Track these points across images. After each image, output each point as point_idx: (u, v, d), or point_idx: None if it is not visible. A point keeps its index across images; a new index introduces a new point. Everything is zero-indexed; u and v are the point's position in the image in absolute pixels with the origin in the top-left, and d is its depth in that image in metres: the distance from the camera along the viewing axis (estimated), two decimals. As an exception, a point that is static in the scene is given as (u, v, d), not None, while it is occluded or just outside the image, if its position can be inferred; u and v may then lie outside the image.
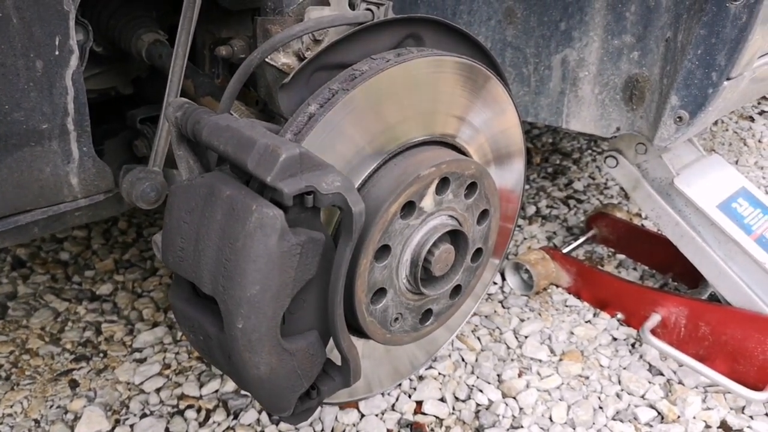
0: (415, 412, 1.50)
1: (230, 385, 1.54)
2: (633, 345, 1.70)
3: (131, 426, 1.45)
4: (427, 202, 1.01)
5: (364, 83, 0.93)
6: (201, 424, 1.46)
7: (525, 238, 2.16)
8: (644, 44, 1.39)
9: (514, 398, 1.54)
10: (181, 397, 1.53)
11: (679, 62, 1.33)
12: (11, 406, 1.50)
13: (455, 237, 1.07)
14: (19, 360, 1.63)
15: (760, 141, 2.98)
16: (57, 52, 1.02)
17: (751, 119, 3.19)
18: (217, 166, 1.02)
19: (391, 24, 1.02)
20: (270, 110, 1.24)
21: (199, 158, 0.99)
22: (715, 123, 3.11)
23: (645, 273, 1.98)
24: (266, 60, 1.06)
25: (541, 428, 1.47)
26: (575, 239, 2.04)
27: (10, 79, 0.99)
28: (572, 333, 1.73)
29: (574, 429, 1.47)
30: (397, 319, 1.08)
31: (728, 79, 1.30)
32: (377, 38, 1.01)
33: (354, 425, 1.46)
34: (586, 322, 1.78)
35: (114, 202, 1.24)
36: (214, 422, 1.47)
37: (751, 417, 1.51)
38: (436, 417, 1.49)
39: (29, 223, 1.14)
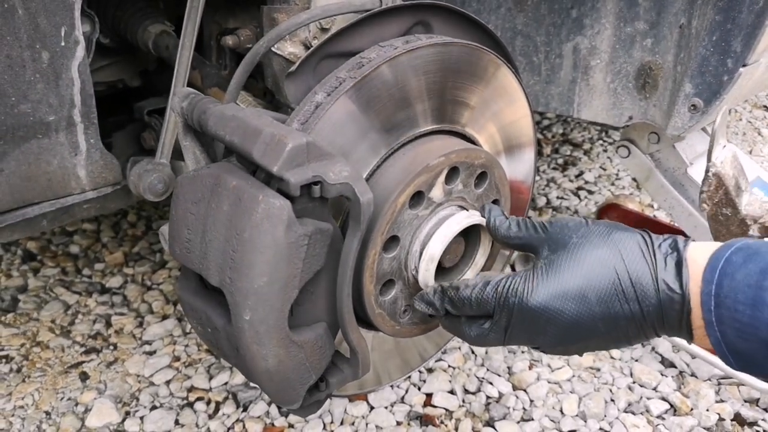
0: (425, 405, 1.50)
1: (240, 378, 1.54)
2: (645, 337, 1.68)
3: (141, 418, 1.46)
4: (437, 192, 1.00)
5: (372, 71, 0.92)
6: (210, 416, 1.47)
7: (535, 230, 2.14)
8: (657, 31, 1.37)
9: (525, 390, 1.53)
10: (191, 389, 1.53)
11: (693, 49, 1.30)
12: (22, 398, 1.51)
13: (465, 227, 1.05)
14: (30, 353, 1.63)
15: (774, 130, 2.93)
16: (63, 44, 1.02)
17: (766, 108, 3.14)
18: (224, 156, 1.01)
19: (399, 11, 1.00)
20: (278, 101, 1.23)
21: (205, 149, 0.98)
22: (729, 113, 3.06)
23: (657, 264, 1.95)
24: (273, 49, 1.04)
25: (552, 420, 1.46)
26: (586, 230, 2.01)
27: (16, 70, 0.99)
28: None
29: (585, 421, 1.45)
30: (406, 310, 1.07)
31: (744, 65, 1.27)
32: (385, 25, 0.99)
33: (363, 417, 1.46)
34: (598, 314, 1.76)
35: (122, 194, 1.24)
36: (223, 414, 1.47)
37: (765, 410, 1.49)
38: (446, 409, 1.48)
39: (37, 215, 1.14)
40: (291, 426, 1.44)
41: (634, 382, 1.55)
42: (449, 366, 1.59)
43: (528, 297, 0.79)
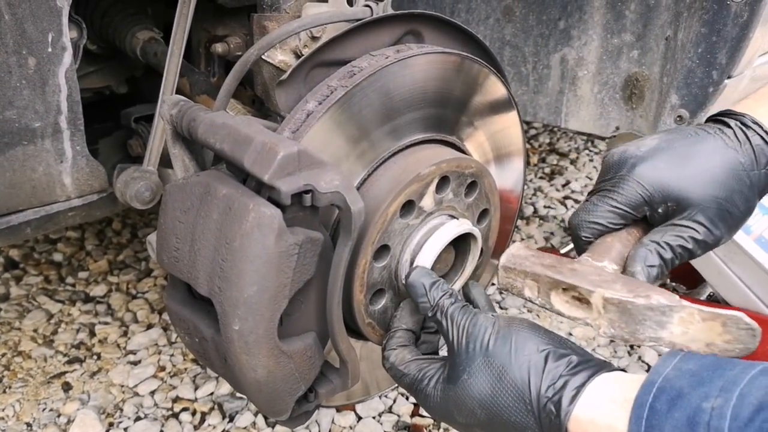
0: (413, 415, 1.49)
1: (225, 388, 1.52)
2: (631, 346, 1.69)
3: (125, 429, 1.43)
4: (427, 202, 1.00)
5: (363, 80, 0.92)
6: (196, 427, 1.45)
7: (522, 239, 2.15)
8: (644, 43, 1.38)
9: (513, 400, 1.52)
10: (176, 399, 1.51)
11: (679, 61, 1.32)
12: (3, 410, 1.48)
13: (455, 237, 1.05)
14: (11, 362, 1.60)
15: (756, 141, 2.98)
16: (50, 50, 1.01)
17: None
18: (213, 164, 1.00)
19: (390, 20, 1.01)
20: (266, 109, 1.23)
21: (194, 157, 0.97)
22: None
23: (643, 273, 1.97)
24: (263, 57, 1.04)
25: (541, 430, 1.45)
26: (573, 240, 2.02)
27: (2, 76, 0.98)
28: (570, 333, 1.72)
29: (573, 431, 1.45)
30: (396, 320, 1.06)
31: (729, 77, 1.29)
32: (376, 34, 0.99)
33: (351, 428, 1.45)
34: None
35: (108, 202, 1.23)
36: (209, 425, 1.45)
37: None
38: (434, 419, 1.48)
39: (22, 223, 1.13)
40: (278, 437, 1.42)
41: (621, 391, 1.56)
42: (437, 375, 1.58)
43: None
